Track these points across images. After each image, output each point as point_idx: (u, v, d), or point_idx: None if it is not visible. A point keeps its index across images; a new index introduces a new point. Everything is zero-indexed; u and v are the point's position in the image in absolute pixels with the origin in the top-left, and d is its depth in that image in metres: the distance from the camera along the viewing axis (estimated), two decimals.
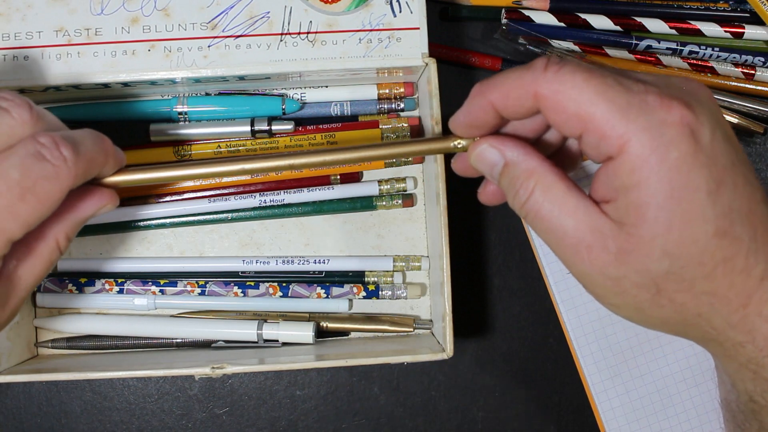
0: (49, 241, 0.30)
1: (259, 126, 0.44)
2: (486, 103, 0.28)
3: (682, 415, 0.47)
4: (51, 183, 0.27)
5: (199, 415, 0.48)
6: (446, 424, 0.48)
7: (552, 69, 0.26)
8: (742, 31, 0.47)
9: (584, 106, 0.25)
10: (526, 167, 0.28)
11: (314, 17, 0.40)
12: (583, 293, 0.47)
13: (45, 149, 0.27)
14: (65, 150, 0.28)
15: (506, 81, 0.27)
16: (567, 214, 0.27)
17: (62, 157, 0.27)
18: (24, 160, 0.27)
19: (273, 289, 0.45)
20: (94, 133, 0.31)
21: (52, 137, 0.28)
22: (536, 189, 0.28)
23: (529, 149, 0.28)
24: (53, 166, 0.27)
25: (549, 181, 0.27)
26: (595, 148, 0.26)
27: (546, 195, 0.27)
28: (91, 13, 0.40)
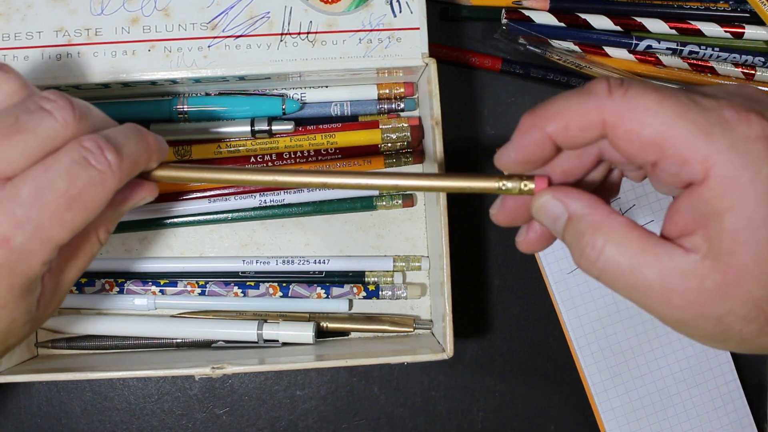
0: (91, 237, 0.31)
1: (259, 126, 0.44)
2: (542, 136, 0.25)
3: (682, 415, 0.47)
4: (96, 189, 0.27)
5: (199, 415, 0.48)
6: (446, 424, 0.48)
7: (618, 92, 0.24)
8: (742, 31, 0.47)
9: (662, 130, 0.23)
10: (592, 221, 0.25)
11: (314, 17, 0.40)
12: (583, 293, 0.47)
13: (90, 154, 0.27)
14: (110, 155, 0.27)
15: (565, 110, 0.25)
16: (648, 266, 0.24)
17: (107, 162, 0.27)
18: (69, 168, 0.26)
19: (273, 289, 0.45)
20: (137, 130, 0.30)
21: (97, 141, 0.27)
22: (607, 245, 0.25)
23: (594, 200, 0.26)
24: (99, 172, 0.27)
25: (620, 234, 0.25)
26: (673, 175, 0.24)
27: (620, 250, 0.24)
28: (91, 13, 0.40)
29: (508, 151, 0.27)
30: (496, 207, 0.30)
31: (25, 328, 0.29)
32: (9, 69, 0.28)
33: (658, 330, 0.47)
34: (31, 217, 0.26)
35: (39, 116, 0.27)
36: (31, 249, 0.26)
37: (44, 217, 0.26)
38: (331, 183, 0.30)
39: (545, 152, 0.26)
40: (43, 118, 0.27)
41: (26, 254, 0.26)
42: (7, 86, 0.28)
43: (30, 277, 0.27)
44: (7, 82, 0.28)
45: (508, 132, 0.52)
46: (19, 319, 0.28)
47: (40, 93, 0.28)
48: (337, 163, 0.45)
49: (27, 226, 0.26)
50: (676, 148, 0.23)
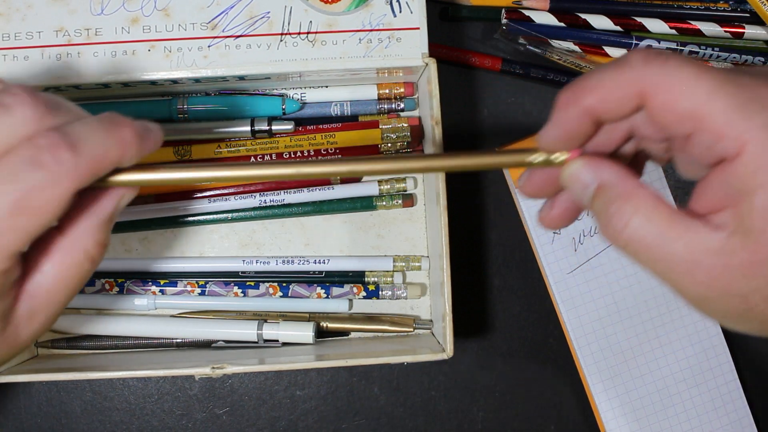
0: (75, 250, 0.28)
1: (259, 126, 0.44)
2: (582, 110, 0.25)
3: (682, 415, 0.47)
4: (47, 191, 0.24)
5: (199, 415, 0.48)
6: (446, 424, 0.48)
7: (657, 63, 0.24)
8: (742, 31, 0.47)
9: (699, 103, 0.23)
10: (621, 191, 0.25)
11: (314, 17, 0.40)
12: (583, 293, 0.47)
13: (42, 153, 0.25)
14: (65, 153, 0.25)
15: (603, 82, 0.25)
16: (675, 239, 0.24)
17: (59, 161, 0.25)
18: (17, 168, 0.24)
19: (273, 289, 0.45)
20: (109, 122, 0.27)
21: (51, 138, 0.25)
22: (635, 216, 0.25)
23: (625, 171, 0.26)
24: (50, 173, 0.24)
25: (649, 206, 0.24)
26: (707, 149, 0.24)
27: (648, 221, 0.24)
28: (91, 13, 0.40)
29: (549, 130, 0.27)
30: (524, 179, 0.30)
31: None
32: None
33: (658, 330, 0.47)
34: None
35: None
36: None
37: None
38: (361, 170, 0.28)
39: (586, 127, 0.26)
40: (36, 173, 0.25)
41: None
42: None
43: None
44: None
45: (508, 132, 0.52)
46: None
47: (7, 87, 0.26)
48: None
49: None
50: (713, 121, 0.23)
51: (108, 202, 0.28)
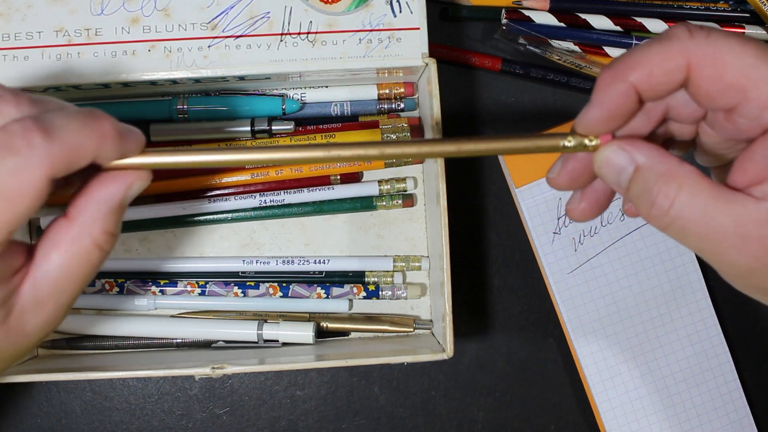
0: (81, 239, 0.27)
1: (259, 126, 0.44)
2: (626, 87, 0.25)
3: (682, 415, 0.47)
4: (20, 176, 0.24)
5: (199, 415, 0.48)
6: (446, 424, 0.48)
7: (701, 34, 0.24)
8: (742, 31, 0.47)
9: (746, 72, 0.23)
10: (663, 170, 0.25)
11: (314, 17, 0.40)
12: (583, 293, 0.47)
13: (13, 138, 0.24)
14: (37, 137, 0.24)
15: (648, 56, 0.24)
16: (723, 212, 0.24)
17: (32, 145, 0.24)
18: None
19: (273, 289, 0.45)
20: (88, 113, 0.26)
21: (24, 123, 0.24)
22: (681, 193, 0.24)
23: (662, 150, 0.25)
24: (22, 158, 0.24)
25: (693, 182, 0.24)
26: (753, 119, 0.24)
27: (693, 197, 0.24)
28: (91, 14, 0.40)
29: (590, 110, 0.26)
30: (556, 170, 0.29)
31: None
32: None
33: (658, 330, 0.47)
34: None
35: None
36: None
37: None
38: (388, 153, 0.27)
39: (630, 105, 0.25)
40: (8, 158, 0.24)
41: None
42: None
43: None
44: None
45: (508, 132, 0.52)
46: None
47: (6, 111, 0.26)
48: (337, 163, 0.45)
49: None
50: (760, 90, 0.23)
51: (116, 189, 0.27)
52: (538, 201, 0.47)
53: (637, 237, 0.48)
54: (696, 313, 0.48)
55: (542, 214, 0.47)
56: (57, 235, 0.27)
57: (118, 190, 0.27)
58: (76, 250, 0.27)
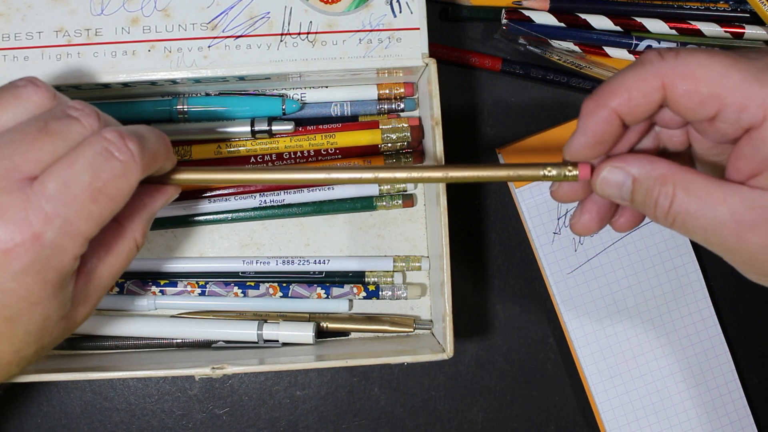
0: (126, 237, 0.31)
1: (259, 126, 0.44)
2: (608, 113, 0.27)
3: (682, 415, 0.47)
4: (120, 180, 0.28)
5: (199, 415, 0.48)
6: (446, 424, 0.48)
7: (670, 55, 0.26)
8: (742, 31, 0.47)
9: (718, 82, 0.25)
10: (657, 174, 0.27)
11: (314, 17, 0.40)
12: (583, 293, 0.47)
13: (112, 145, 0.28)
14: (132, 144, 0.28)
15: (624, 82, 0.27)
16: (719, 204, 0.26)
17: (129, 152, 0.28)
18: (93, 160, 0.27)
19: (273, 289, 0.45)
20: (154, 128, 0.31)
21: (118, 132, 0.28)
22: (677, 191, 0.26)
23: (651, 156, 0.27)
24: (121, 163, 0.28)
25: (687, 179, 0.26)
26: (734, 123, 0.26)
27: (690, 193, 0.26)
28: (91, 14, 0.40)
29: (577, 137, 0.28)
30: (556, 185, 0.31)
31: (58, 326, 0.29)
32: (40, 82, 0.29)
33: (658, 330, 0.47)
34: (59, 212, 0.26)
35: (67, 122, 0.28)
36: (61, 244, 0.27)
37: (72, 211, 0.27)
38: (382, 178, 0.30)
39: (613, 129, 0.27)
40: (71, 123, 0.28)
41: (57, 249, 0.27)
42: (37, 97, 0.29)
43: (62, 272, 0.27)
44: (37, 94, 0.29)
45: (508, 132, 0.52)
46: (52, 316, 0.28)
47: (68, 102, 0.29)
48: (337, 164, 0.45)
49: (56, 221, 0.26)
50: (734, 95, 0.25)
51: (161, 199, 0.32)
52: (538, 201, 0.47)
53: (637, 237, 0.48)
54: (696, 313, 0.48)
55: (542, 214, 0.47)
56: (108, 237, 0.30)
57: (161, 201, 0.32)
58: (122, 251, 0.31)
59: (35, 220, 0.26)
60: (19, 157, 0.27)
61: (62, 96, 0.30)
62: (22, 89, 0.29)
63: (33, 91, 0.29)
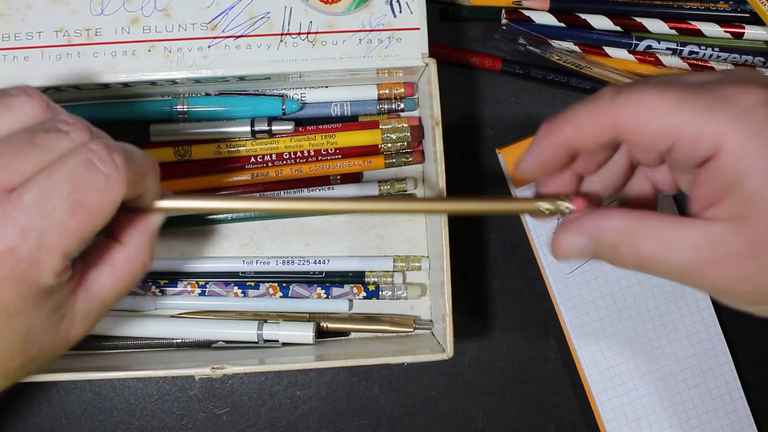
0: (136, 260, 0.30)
1: (259, 126, 0.44)
2: (559, 139, 0.28)
3: (681, 415, 0.47)
4: (102, 194, 0.26)
5: (199, 415, 0.48)
6: (446, 424, 0.48)
7: (622, 94, 0.26)
8: (742, 31, 0.47)
9: (668, 118, 0.25)
10: (615, 232, 0.27)
11: (314, 17, 0.40)
12: (583, 293, 0.47)
13: (96, 157, 0.26)
14: (117, 157, 0.26)
15: (578, 115, 0.27)
16: (679, 247, 0.26)
17: (114, 165, 0.26)
18: (74, 171, 0.26)
19: (273, 289, 0.45)
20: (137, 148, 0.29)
21: (104, 144, 0.27)
22: (639, 241, 0.27)
23: (606, 211, 0.28)
24: (104, 176, 0.26)
25: (644, 227, 0.27)
26: (688, 155, 0.26)
27: (649, 242, 0.27)
28: (91, 14, 0.40)
29: (528, 155, 0.29)
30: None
31: (46, 337, 0.28)
32: (33, 92, 0.28)
33: (657, 330, 0.47)
34: (36, 225, 0.25)
35: (55, 135, 0.27)
36: (37, 258, 0.25)
37: (49, 224, 0.25)
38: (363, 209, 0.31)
39: (562, 155, 0.29)
40: (59, 137, 0.27)
41: (33, 264, 0.25)
42: (30, 108, 0.28)
43: (40, 286, 0.26)
44: (30, 105, 0.28)
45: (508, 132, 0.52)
46: (36, 327, 0.27)
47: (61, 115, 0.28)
48: (337, 163, 0.45)
49: (32, 234, 0.25)
50: (685, 129, 0.25)
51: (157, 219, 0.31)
52: None
53: None
54: (696, 313, 0.48)
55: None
56: (111, 256, 0.30)
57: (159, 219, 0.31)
58: (129, 271, 0.30)
59: (11, 233, 0.25)
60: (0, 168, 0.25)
61: (56, 107, 0.29)
62: (14, 99, 0.28)
63: (25, 101, 0.28)
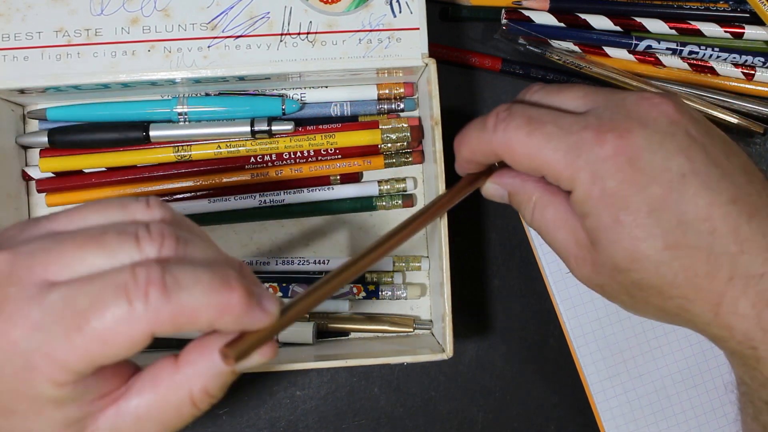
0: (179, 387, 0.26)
1: (259, 126, 0.44)
2: (464, 155, 0.33)
3: (680, 415, 0.47)
4: (119, 326, 0.23)
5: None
6: (446, 424, 0.48)
7: (500, 128, 0.31)
8: (742, 31, 0.47)
9: (534, 157, 0.30)
10: (524, 191, 0.33)
11: (314, 17, 0.40)
12: (582, 293, 0.47)
13: (132, 284, 0.23)
14: (153, 291, 0.23)
15: (469, 140, 0.32)
16: (558, 227, 0.32)
17: (144, 300, 0.23)
18: (103, 289, 0.23)
19: (273, 289, 0.45)
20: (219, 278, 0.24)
21: (149, 271, 0.23)
22: (536, 208, 0.32)
23: (524, 177, 0.33)
24: (128, 308, 0.23)
25: (544, 201, 0.32)
26: (556, 184, 0.30)
27: (542, 212, 0.32)
28: (91, 14, 0.40)
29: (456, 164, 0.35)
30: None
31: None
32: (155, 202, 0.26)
33: (656, 330, 0.47)
34: (44, 327, 0.23)
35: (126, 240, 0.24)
36: (33, 361, 0.23)
37: (55, 330, 0.23)
38: None
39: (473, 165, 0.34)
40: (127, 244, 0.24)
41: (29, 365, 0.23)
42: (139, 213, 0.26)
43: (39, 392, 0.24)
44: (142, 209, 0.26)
45: None
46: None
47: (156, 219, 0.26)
48: (337, 163, 0.45)
49: (36, 334, 0.23)
50: (548, 167, 0.30)
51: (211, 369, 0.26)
52: None
53: None
54: None
55: None
56: (159, 375, 0.26)
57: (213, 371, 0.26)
58: (170, 397, 0.26)
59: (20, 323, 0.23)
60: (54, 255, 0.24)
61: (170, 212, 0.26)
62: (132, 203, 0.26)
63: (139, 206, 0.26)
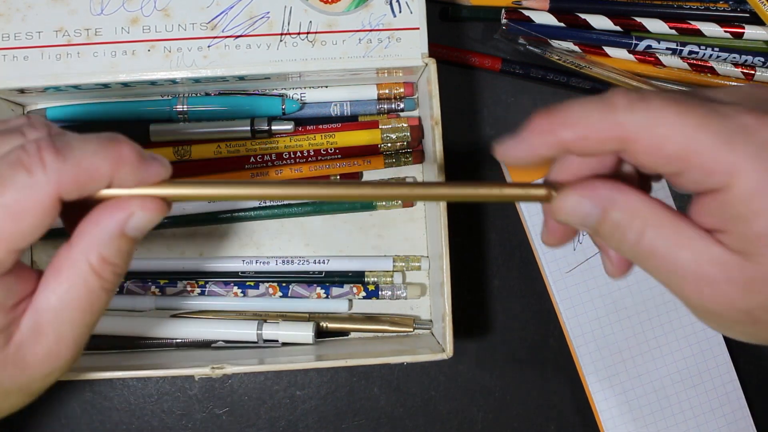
0: (77, 263, 0.25)
1: (259, 126, 0.44)
2: (556, 141, 0.25)
3: (679, 415, 0.47)
4: (23, 194, 0.23)
5: (199, 415, 0.48)
6: (446, 424, 0.48)
7: (640, 107, 0.24)
8: (742, 31, 0.47)
9: (685, 144, 0.23)
10: (628, 208, 0.25)
11: (314, 17, 0.40)
12: (582, 293, 0.47)
13: (25, 155, 0.24)
14: (47, 154, 0.24)
15: (585, 120, 0.24)
16: (682, 248, 0.24)
17: (41, 163, 0.24)
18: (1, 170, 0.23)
19: (273, 289, 0.45)
20: (104, 137, 0.25)
21: (38, 142, 0.24)
22: (647, 228, 0.25)
23: (622, 186, 0.25)
24: (32, 175, 0.23)
25: (657, 217, 0.25)
26: (697, 183, 0.24)
27: (658, 232, 0.25)
28: (91, 14, 0.40)
29: (516, 146, 0.26)
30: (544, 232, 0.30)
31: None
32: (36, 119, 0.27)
33: (656, 330, 0.47)
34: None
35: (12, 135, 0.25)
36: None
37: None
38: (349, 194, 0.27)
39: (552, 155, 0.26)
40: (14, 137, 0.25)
41: None
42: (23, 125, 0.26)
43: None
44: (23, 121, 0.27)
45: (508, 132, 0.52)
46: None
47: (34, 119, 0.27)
48: (337, 163, 0.45)
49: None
50: (701, 159, 0.23)
51: (117, 216, 0.26)
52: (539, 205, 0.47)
53: None
54: None
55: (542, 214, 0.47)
56: (58, 263, 0.26)
57: (118, 218, 0.26)
58: (73, 277, 0.26)
59: None
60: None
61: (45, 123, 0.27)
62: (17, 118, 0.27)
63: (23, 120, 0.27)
